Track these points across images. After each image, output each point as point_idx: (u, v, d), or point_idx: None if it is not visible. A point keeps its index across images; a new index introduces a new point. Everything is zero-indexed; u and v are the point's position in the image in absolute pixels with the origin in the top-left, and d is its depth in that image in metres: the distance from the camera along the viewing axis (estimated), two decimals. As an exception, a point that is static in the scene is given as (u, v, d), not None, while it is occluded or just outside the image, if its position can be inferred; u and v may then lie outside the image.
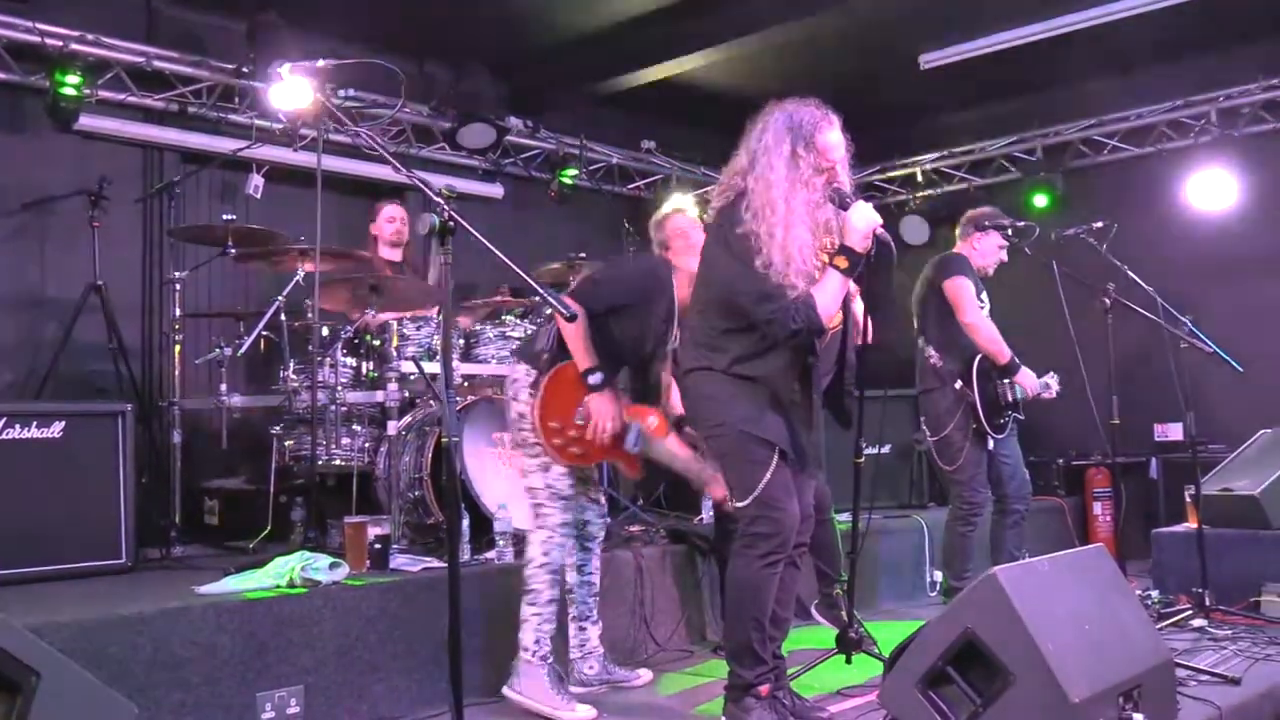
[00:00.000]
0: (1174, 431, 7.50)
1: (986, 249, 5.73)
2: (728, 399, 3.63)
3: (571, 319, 3.53)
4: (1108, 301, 5.23)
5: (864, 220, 3.54)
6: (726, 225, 3.59)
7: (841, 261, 3.55)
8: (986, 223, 5.70)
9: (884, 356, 4.02)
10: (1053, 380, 5.71)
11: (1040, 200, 8.08)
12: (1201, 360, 5.27)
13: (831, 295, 3.54)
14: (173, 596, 3.74)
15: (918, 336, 5.71)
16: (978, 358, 5.51)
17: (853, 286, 3.68)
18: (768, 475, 3.57)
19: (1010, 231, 5.70)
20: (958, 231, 5.86)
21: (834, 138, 3.63)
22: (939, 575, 6.22)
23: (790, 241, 3.49)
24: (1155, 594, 5.45)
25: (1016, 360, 5.54)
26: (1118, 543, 6.64)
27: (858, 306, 3.82)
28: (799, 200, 3.54)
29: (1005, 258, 5.77)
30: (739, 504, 3.63)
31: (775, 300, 3.48)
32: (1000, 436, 5.57)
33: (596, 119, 8.28)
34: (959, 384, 5.49)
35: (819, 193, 3.58)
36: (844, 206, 3.58)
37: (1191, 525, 5.56)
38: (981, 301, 5.61)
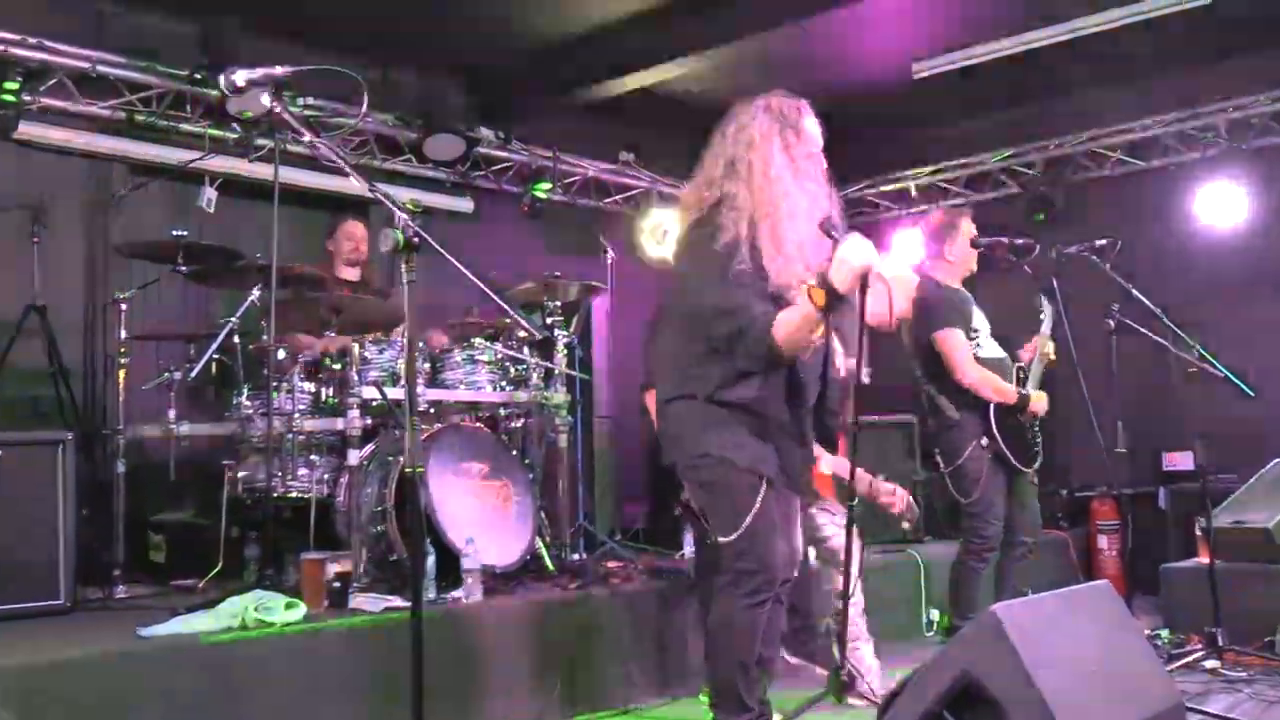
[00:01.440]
0: (1183, 460, 7.51)
1: (961, 253, 5.52)
2: (709, 427, 3.62)
3: (541, 340, 3.54)
4: (1112, 323, 5.25)
5: (858, 257, 3.37)
6: (699, 240, 3.57)
7: (818, 296, 3.39)
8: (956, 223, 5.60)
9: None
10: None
11: (1040, 216, 8.13)
12: (1212, 385, 5.30)
13: (798, 328, 3.45)
14: (115, 640, 3.71)
15: (919, 372, 5.62)
16: (991, 405, 5.44)
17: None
18: (755, 508, 3.56)
19: (1009, 249, 5.70)
20: (920, 242, 5.73)
21: (812, 124, 3.68)
22: (936, 614, 6.22)
23: (793, 238, 3.48)
24: (1164, 633, 5.47)
25: (1023, 392, 5.52)
26: (1124, 578, 6.65)
27: (851, 326, 3.76)
28: (801, 192, 3.55)
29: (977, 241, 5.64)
30: (723, 539, 3.62)
31: (734, 318, 3.45)
32: (1036, 467, 5.53)
33: (572, 129, 8.30)
34: (985, 441, 5.39)
35: (815, 180, 3.59)
36: (832, 238, 3.45)
37: (1203, 560, 5.57)
38: (975, 332, 5.51)
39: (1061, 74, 7.73)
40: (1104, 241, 5.45)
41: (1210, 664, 5.02)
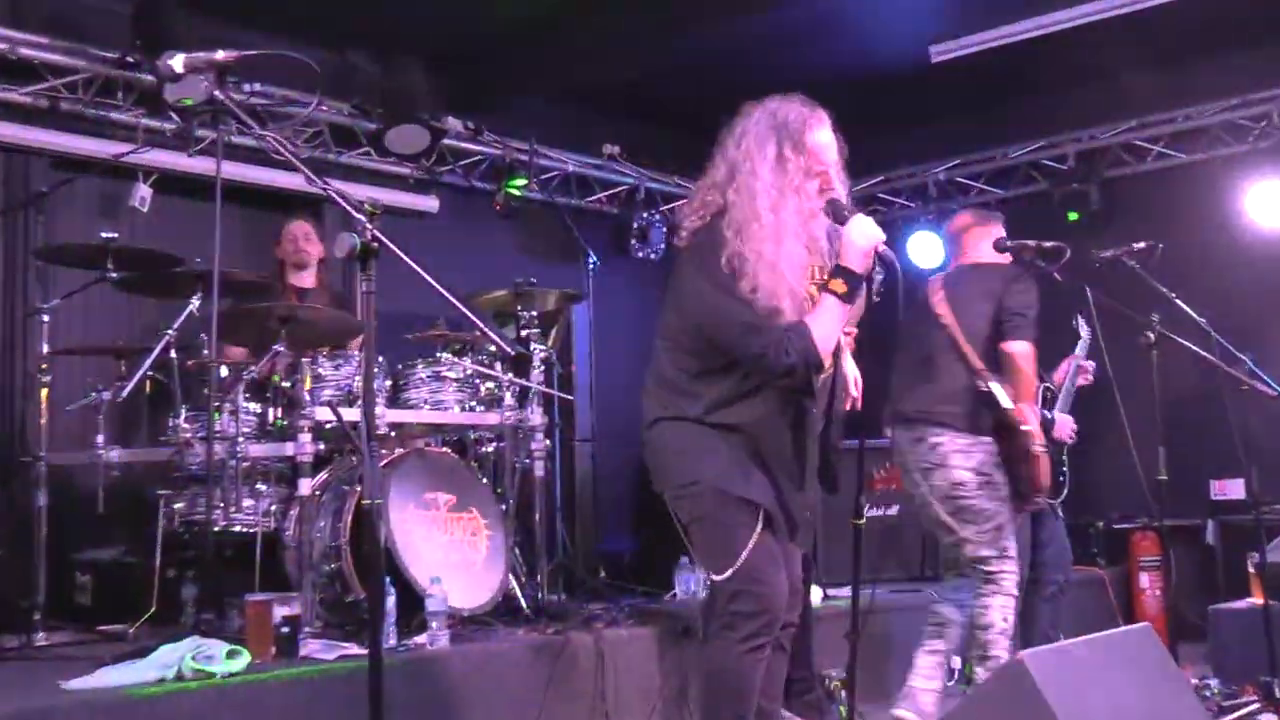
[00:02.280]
0: (1233, 489, 7.55)
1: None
2: (701, 452, 3.64)
3: (515, 356, 3.56)
4: (1152, 335, 5.27)
5: (864, 236, 3.55)
6: (705, 249, 3.61)
7: (838, 285, 3.56)
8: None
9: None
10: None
11: (1072, 215, 8.17)
12: (1265, 405, 5.32)
13: (829, 324, 3.56)
14: (35, 694, 3.69)
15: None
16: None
17: (843, 339, 3.71)
18: (751, 543, 3.57)
19: (1037, 254, 5.72)
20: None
21: (825, 137, 3.68)
22: (957, 661, 6.21)
23: (781, 258, 3.52)
24: (1214, 683, 5.47)
25: (1048, 415, 5.56)
26: (1168, 621, 6.67)
27: (848, 364, 3.87)
28: (789, 210, 3.58)
29: None
30: (716, 577, 3.62)
31: (765, 333, 3.50)
32: (1061, 499, 5.62)
33: (550, 120, 8.32)
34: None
35: (812, 201, 3.62)
36: (840, 220, 3.60)
37: (1256, 600, 5.59)
38: None
39: (1095, 58, 7.76)
40: (1143, 245, 5.46)
41: (1266, 718, 5.03)
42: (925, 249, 8.70)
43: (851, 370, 4.05)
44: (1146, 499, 5.68)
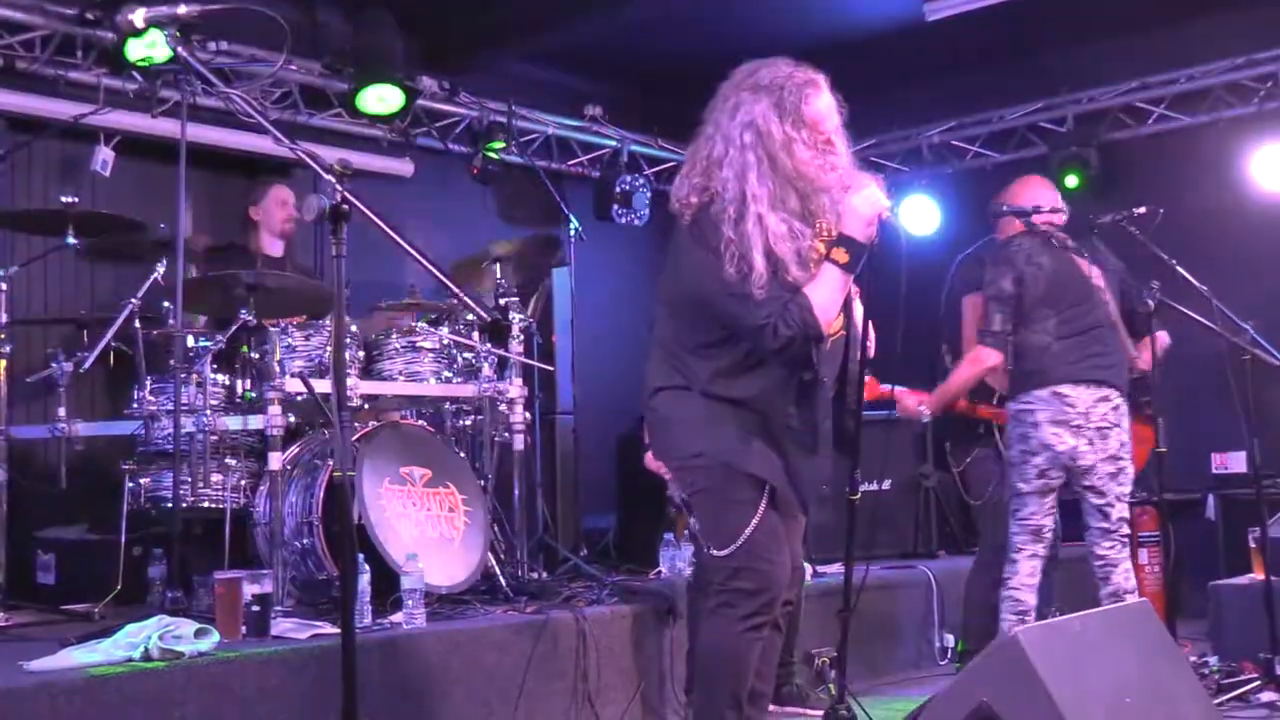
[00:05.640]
0: (1235, 462, 7.59)
1: None
2: (706, 424, 3.65)
3: (493, 324, 3.55)
4: (1151, 303, 5.29)
5: (867, 203, 3.54)
6: (706, 225, 3.60)
7: (840, 254, 3.55)
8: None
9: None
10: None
11: (1071, 180, 8.18)
12: (1268, 375, 5.35)
13: (829, 294, 3.55)
14: (-4, 674, 3.69)
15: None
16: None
17: (853, 287, 3.71)
18: (755, 519, 3.59)
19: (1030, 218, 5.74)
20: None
21: (823, 103, 3.66)
22: (950, 639, 6.26)
23: (781, 236, 3.52)
24: (1213, 660, 5.51)
25: None
26: (1166, 597, 6.71)
27: (859, 309, 3.86)
28: (788, 186, 3.58)
29: None
30: (717, 553, 3.64)
31: (763, 305, 3.50)
32: None
33: (530, 80, 8.29)
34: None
35: (814, 173, 3.61)
36: (844, 188, 3.58)
37: (1257, 576, 5.63)
38: None
39: (1095, 15, 7.76)
40: (1143, 209, 5.48)
41: (1266, 696, 5.07)
42: (919, 214, 8.69)
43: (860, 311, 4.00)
44: (1145, 473, 5.72)
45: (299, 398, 5.06)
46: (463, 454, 5.57)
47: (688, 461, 3.71)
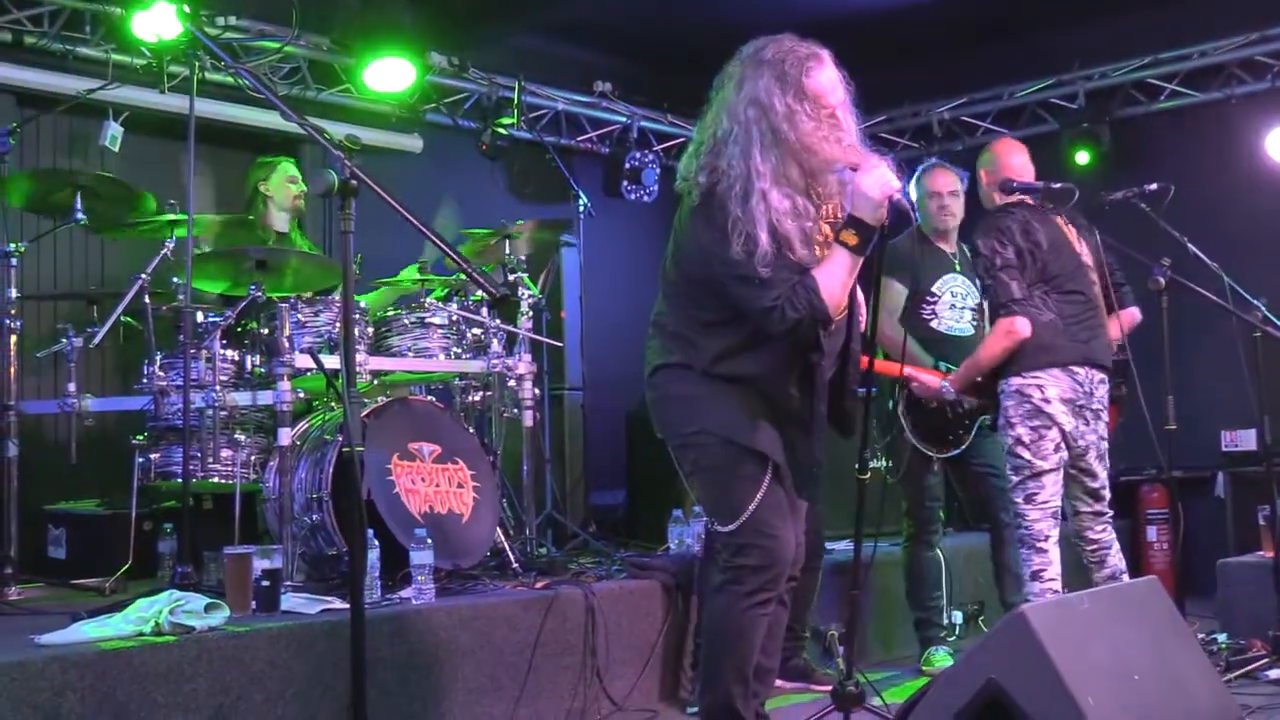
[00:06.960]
0: (1245, 440, 7.56)
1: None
2: (709, 400, 3.66)
3: (502, 299, 3.55)
4: (1162, 280, 5.27)
5: (877, 185, 3.50)
6: (713, 205, 3.59)
7: (849, 237, 3.53)
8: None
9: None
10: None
11: (1082, 157, 8.15)
12: (1279, 353, 5.33)
13: (838, 277, 3.54)
14: (8, 648, 3.71)
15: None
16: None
17: None
18: (759, 495, 3.60)
19: (1045, 195, 5.71)
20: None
21: (827, 78, 3.64)
22: (959, 616, 6.27)
23: (786, 216, 3.52)
24: (1222, 638, 5.51)
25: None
26: (1175, 575, 6.72)
27: (857, 289, 3.85)
28: (794, 164, 3.57)
29: None
30: (722, 529, 3.65)
31: (771, 287, 3.49)
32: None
33: (539, 55, 8.27)
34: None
35: (820, 149, 3.59)
36: (852, 167, 3.56)
37: (1266, 554, 5.62)
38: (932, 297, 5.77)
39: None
40: (1155, 187, 5.46)
41: (1274, 673, 5.07)
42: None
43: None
44: (1155, 450, 5.71)
45: (308, 374, 5.07)
46: (472, 430, 5.58)
47: (690, 438, 3.71)
